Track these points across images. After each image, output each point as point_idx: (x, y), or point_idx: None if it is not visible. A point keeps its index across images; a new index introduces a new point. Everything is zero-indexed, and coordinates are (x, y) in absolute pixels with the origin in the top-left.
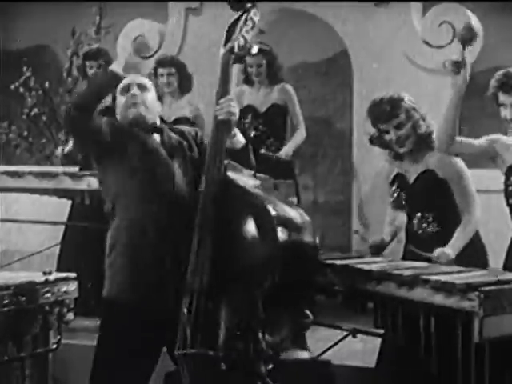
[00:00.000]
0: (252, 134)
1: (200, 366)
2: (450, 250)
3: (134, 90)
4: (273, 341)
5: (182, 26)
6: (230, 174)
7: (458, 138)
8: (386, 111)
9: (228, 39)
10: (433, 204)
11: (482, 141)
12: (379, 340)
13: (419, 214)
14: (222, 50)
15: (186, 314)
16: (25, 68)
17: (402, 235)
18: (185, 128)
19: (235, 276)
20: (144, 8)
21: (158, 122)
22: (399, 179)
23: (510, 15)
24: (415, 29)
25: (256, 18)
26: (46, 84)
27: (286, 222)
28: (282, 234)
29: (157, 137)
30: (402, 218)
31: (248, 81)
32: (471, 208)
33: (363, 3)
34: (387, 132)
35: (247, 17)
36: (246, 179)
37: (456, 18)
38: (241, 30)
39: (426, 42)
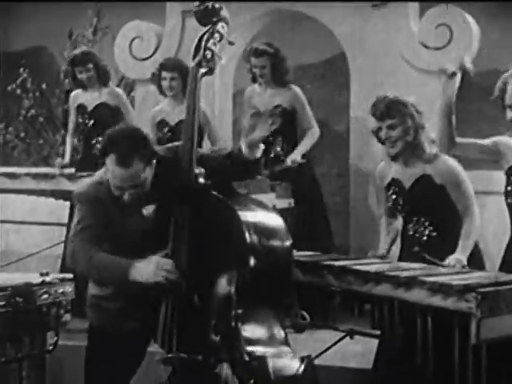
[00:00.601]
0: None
1: (181, 370)
2: (461, 255)
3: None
4: (252, 340)
5: (179, 28)
6: (200, 180)
7: (460, 139)
8: (382, 110)
9: (196, 53)
10: (430, 209)
11: (485, 141)
12: (376, 341)
13: (415, 219)
14: (191, 64)
15: (164, 317)
16: (22, 69)
17: (398, 240)
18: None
19: (210, 279)
20: (141, 9)
21: None
22: (395, 184)
23: (508, 17)
24: (412, 31)
25: (223, 31)
26: (43, 85)
27: (256, 226)
28: (250, 236)
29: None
30: (398, 224)
31: (255, 81)
32: (472, 211)
33: (360, 5)
34: (380, 129)
35: (214, 29)
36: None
37: (453, 20)
38: (207, 42)
39: (424, 44)
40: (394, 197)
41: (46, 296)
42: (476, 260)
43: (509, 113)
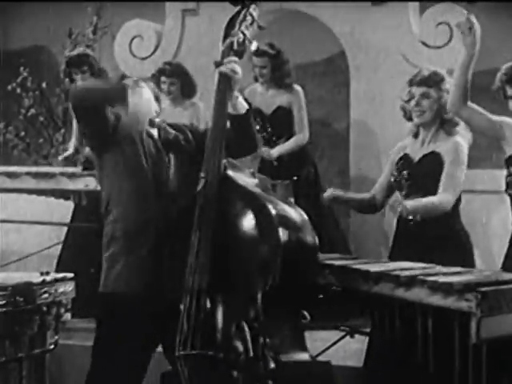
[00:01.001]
0: (262, 135)
1: (201, 367)
2: (410, 202)
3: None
4: (272, 342)
5: (179, 27)
6: (229, 172)
7: (471, 104)
8: (423, 76)
9: (227, 35)
10: (430, 187)
11: (494, 116)
12: None
13: (414, 197)
14: (221, 47)
15: (185, 314)
16: (22, 68)
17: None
18: (181, 122)
19: (235, 276)
20: (141, 8)
21: (157, 119)
22: (404, 159)
23: (509, 15)
24: (412, 29)
25: (255, 14)
26: (43, 84)
27: (286, 222)
28: (282, 233)
29: (154, 131)
30: (397, 194)
31: (257, 79)
32: (450, 191)
33: (360, 3)
34: (413, 96)
35: (246, 12)
36: (245, 178)
37: (453, 19)
38: (240, 25)
39: (424, 43)
40: (400, 170)
41: (46, 295)
42: (467, 257)
43: (511, 104)
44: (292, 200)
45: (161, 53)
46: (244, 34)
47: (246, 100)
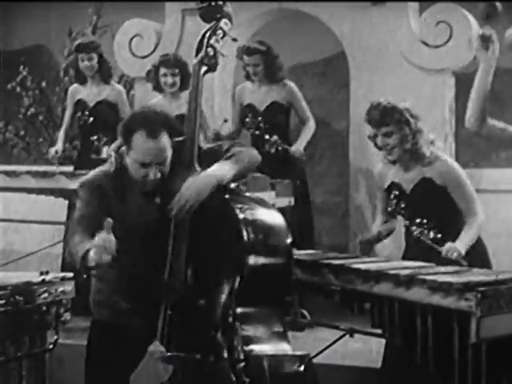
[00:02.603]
0: (254, 132)
1: (177, 369)
2: (460, 244)
3: None
4: (246, 339)
5: (178, 26)
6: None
7: (491, 121)
8: (376, 117)
9: (199, 50)
10: (433, 212)
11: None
12: (376, 340)
13: (418, 221)
14: (194, 61)
15: (163, 316)
16: (21, 68)
17: (403, 242)
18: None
19: (208, 277)
20: (141, 8)
21: None
22: (395, 188)
23: (508, 16)
24: (412, 29)
25: (227, 28)
26: (43, 84)
27: (254, 223)
28: (248, 235)
29: None
30: (394, 223)
31: (249, 78)
32: (474, 210)
33: (360, 3)
34: (376, 136)
35: (216, 27)
36: None
37: (453, 18)
38: (209, 39)
39: (423, 42)
40: (395, 201)
41: (45, 295)
42: (483, 259)
43: None
44: (292, 199)
45: (160, 52)
46: (214, 48)
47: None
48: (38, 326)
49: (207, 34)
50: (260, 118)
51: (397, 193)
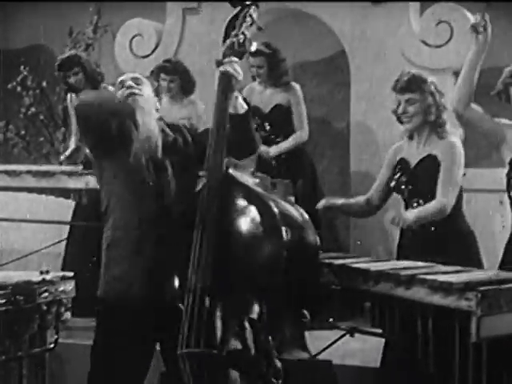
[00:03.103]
0: (261, 134)
1: (203, 366)
2: (410, 214)
3: (129, 82)
4: (274, 341)
5: (179, 26)
6: (231, 171)
7: (474, 105)
8: (403, 83)
9: (227, 35)
10: (430, 191)
11: (495, 119)
12: (376, 339)
13: (415, 201)
14: (222, 47)
15: (188, 313)
16: (22, 67)
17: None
18: (180, 122)
19: (238, 275)
20: (142, 7)
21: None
22: (402, 163)
23: (509, 14)
24: (413, 28)
25: (255, 15)
26: (44, 83)
27: (289, 221)
28: (285, 232)
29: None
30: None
31: (255, 79)
32: (447, 194)
33: (361, 3)
34: (399, 103)
35: (246, 13)
36: (246, 177)
37: (454, 18)
38: (240, 26)
39: (424, 42)
40: (398, 175)
41: (46, 294)
42: (474, 259)
43: None
44: (292, 199)
45: (161, 52)
46: (244, 35)
47: (245, 100)
48: (39, 325)
49: (238, 20)
50: (265, 120)
51: (402, 168)
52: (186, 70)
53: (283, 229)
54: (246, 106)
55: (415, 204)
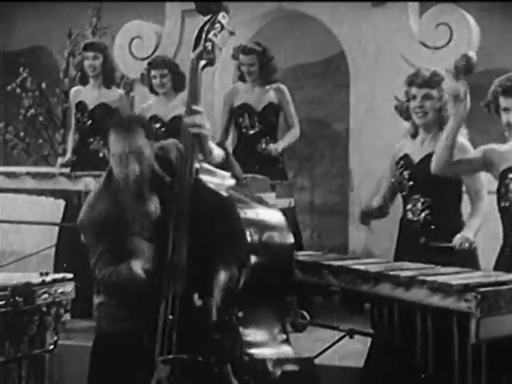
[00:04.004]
0: (248, 132)
1: (179, 372)
2: (469, 232)
3: None
4: (249, 340)
5: (178, 27)
6: (201, 176)
7: (454, 160)
8: (424, 77)
9: (196, 45)
10: (431, 188)
11: (477, 153)
12: None
13: (415, 198)
14: (192, 56)
15: (163, 319)
16: (21, 69)
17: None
18: (168, 145)
19: (209, 278)
20: (141, 9)
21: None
22: (405, 159)
23: (508, 16)
24: (412, 30)
25: (224, 21)
26: (43, 85)
27: (257, 223)
28: (250, 234)
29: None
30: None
31: (243, 78)
32: (482, 194)
33: (360, 4)
34: (414, 98)
35: (214, 20)
36: (218, 181)
37: (453, 20)
38: (207, 33)
39: (423, 44)
40: (400, 170)
41: (45, 296)
42: (472, 259)
43: (505, 116)
44: (292, 200)
45: (160, 53)
46: (212, 42)
47: (219, 144)
48: (38, 326)
49: (205, 28)
50: (256, 118)
51: (404, 163)
52: (175, 63)
53: (247, 231)
54: (222, 154)
55: (415, 197)
